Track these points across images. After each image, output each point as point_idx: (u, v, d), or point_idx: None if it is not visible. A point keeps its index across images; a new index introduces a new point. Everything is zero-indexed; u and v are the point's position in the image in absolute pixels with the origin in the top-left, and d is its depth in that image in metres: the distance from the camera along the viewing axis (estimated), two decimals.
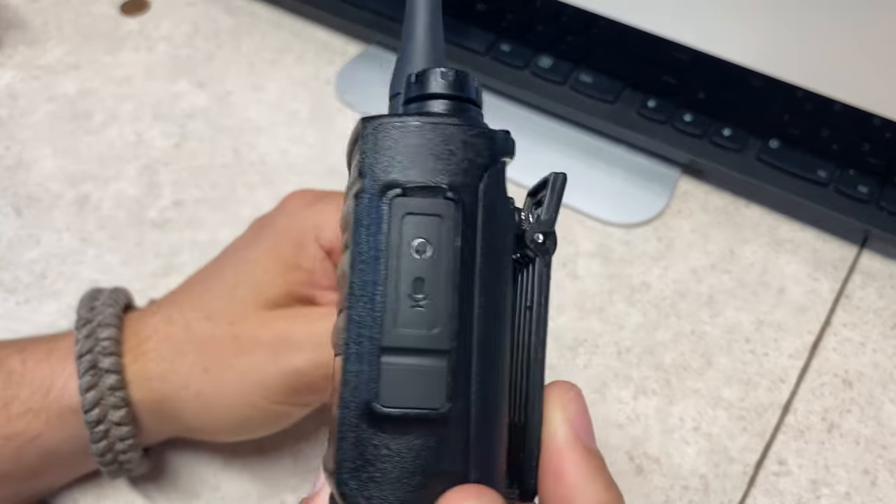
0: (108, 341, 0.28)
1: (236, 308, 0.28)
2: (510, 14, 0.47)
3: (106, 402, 0.28)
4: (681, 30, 0.38)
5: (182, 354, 0.28)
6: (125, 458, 0.29)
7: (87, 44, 0.50)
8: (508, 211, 0.19)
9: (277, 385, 0.27)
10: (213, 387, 0.28)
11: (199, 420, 0.29)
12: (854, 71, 0.35)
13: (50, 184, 0.43)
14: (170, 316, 0.29)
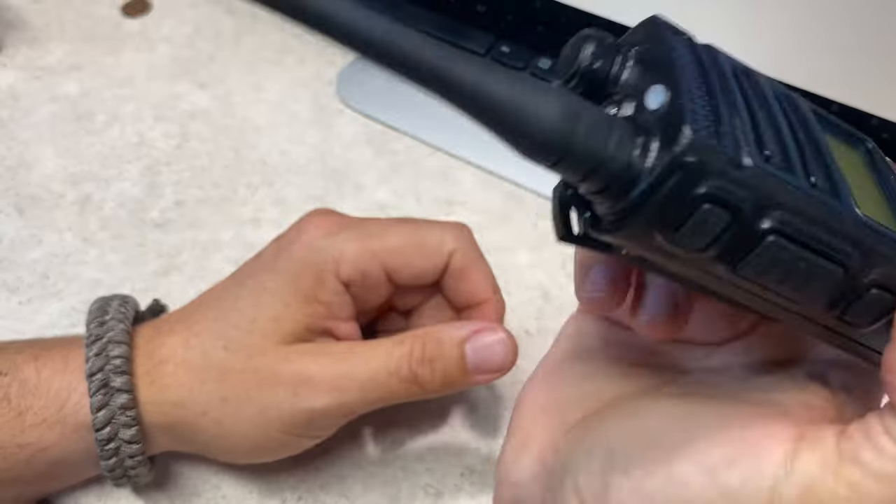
0: (119, 360, 0.28)
1: (256, 341, 0.28)
2: (510, 15, 0.47)
3: (117, 421, 0.28)
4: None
5: (201, 382, 0.28)
6: (134, 472, 0.29)
7: (88, 44, 0.50)
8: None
9: (296, 422, 0.27)
10: (231, 416, 0.28)
11: (215, 444, 0.29)
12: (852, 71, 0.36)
13: (52, 184, 0.43)
14: (187, 340, 0.29)
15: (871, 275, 0.17)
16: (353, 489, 0.33)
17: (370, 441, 0.34)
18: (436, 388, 0.27)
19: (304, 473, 0.33)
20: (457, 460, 0.34)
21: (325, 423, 0.29)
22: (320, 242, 0.29)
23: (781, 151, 0.17)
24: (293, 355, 0.28)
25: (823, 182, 0.17)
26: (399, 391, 0.27)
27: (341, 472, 0.33)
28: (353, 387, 0.27)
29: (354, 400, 0.27)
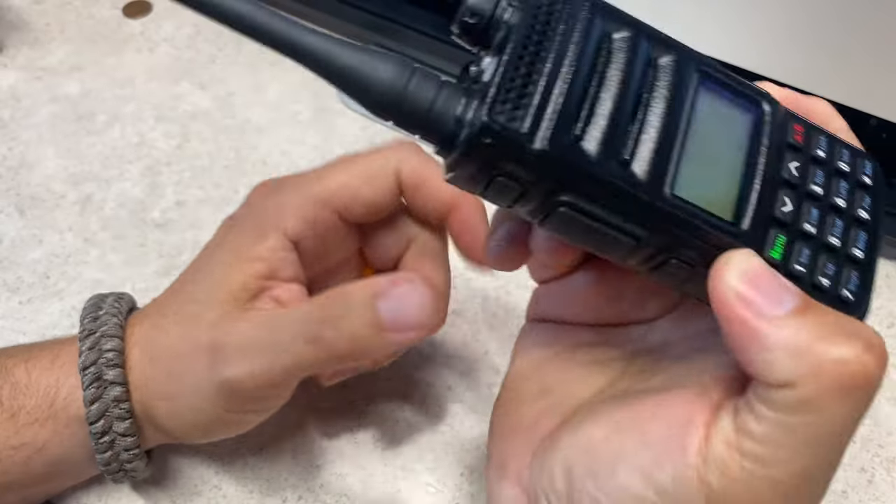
0: (112, 353, 0.28)
1: (194, 310, 0.27)
2: None
3: (111, 414, 0.28)
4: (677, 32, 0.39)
5: (156, 361, 0.28)
6: (130, 466, 0.29)
7: (89, 45, 0.50)
8: None
9: (220, 394, 0.26)
10: (175, 391, 0.28)
11: (172, 423, 0.28)
12: (850, 72, 0.36)
13: (53, 184, 0.43)
14: (155, 323, 0.29)
15: (669, 249, 0.19)
16: (353, 489, 0.33)
17: (370, 441, 0.34)
18: (345, 350, 0.24)
19: (305, 473, 0.33)
20: (457, 460, 0.34)
21: (251, 395, 0.26)
22: (261, 202, 0.28)
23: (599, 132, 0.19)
24: (221, 322, 0.26)
25: (641, 163, 0.19)
26: (307, 356, 0.24)
27: (341, 472, 0.33)
28: (261, 354, 0.25)
29: (265, 368, 0.25)
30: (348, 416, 0.35)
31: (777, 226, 0.20)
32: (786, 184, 0.20)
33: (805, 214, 0.20)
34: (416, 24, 0.47)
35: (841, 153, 0.21)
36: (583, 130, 0.18)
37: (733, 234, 0.19)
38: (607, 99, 0.19)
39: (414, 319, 0.23)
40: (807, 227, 0.20)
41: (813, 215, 0.20)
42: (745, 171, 0.20)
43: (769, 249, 0.20)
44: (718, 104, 0.21)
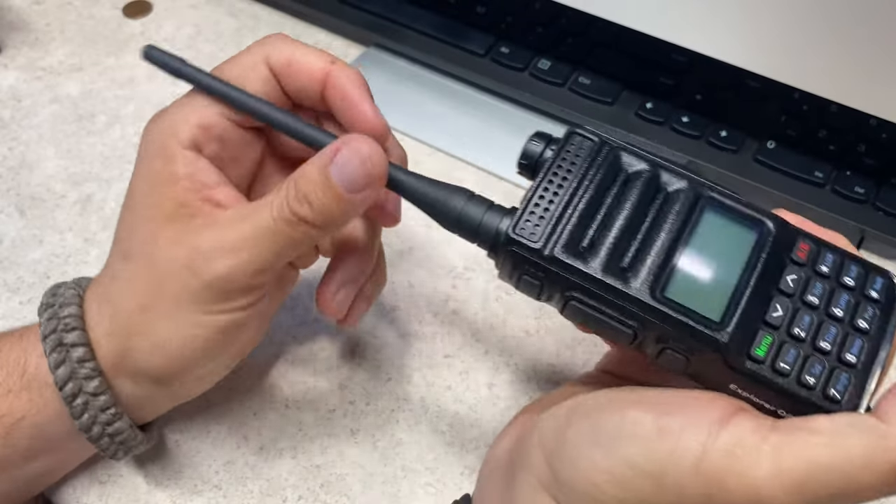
0: (70, 318, 0.28)
1: (144, 237, 0.28)
2: (510, 16, 0.48)
3: (78, 375, 0.28)
4: (678, 32, 0.39)
5: (121, 304, 0.28)
6: (113, 429, 0.29)
7: (89, 45, 0.50)
8: None
9: (208, 296, 0.27)
10: (154, 321, 0.28)
11: (155, 359, 0.28)
12: (850, 72, 0.36)
13: (53, 184, 0.43)
14: (99, 279, 0.30)
15: (663, 340, 0.24)
16: (353, 489, 0.33)
17: (370, 441, 0.34)
18: (321, 220, 0.26)
19: (305, 473, 0.33)
20: (457, 460, 0.34)
21: (236, 291, 0.27)
22: (151, 127, 0.29)
23: (602, 245, 0.24)
24: (182, 236, 0.27)
25: (636, 271, 0.24)
26: (291, 234, 0.26)
27: (341, 472, 0.33)
28: (246, 244, 0.26)
29: (252, 256, 0.26)
30: (348, 416, 0.35)
31: (766, 328, 0.23)
32: (781, 293, 0.24)
33: (797, 320, 0.24)
34: (416, 25, 0.48)
35: (848, 269, 0.24)
36: (589, 244, 0.24)
37: (717, 331, 0.23)
38: (615, 220, 0.25)
39: (364, 175, 0.25)
40: (797, 331, 0.23)
41: (805, 321, 0.24)
42: (739, 280, 0.24)
43: (755, 347, 0.23)
44: (722, 224, 0.25)
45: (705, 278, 0.24)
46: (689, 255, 0.24)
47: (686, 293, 0.24)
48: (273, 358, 0.37)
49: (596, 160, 0.25)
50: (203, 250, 0.26)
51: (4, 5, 0.52)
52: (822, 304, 0.24)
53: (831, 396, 0.23)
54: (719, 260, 0.24)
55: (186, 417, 0.35)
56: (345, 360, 0.37)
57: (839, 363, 0.23)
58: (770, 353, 0.23)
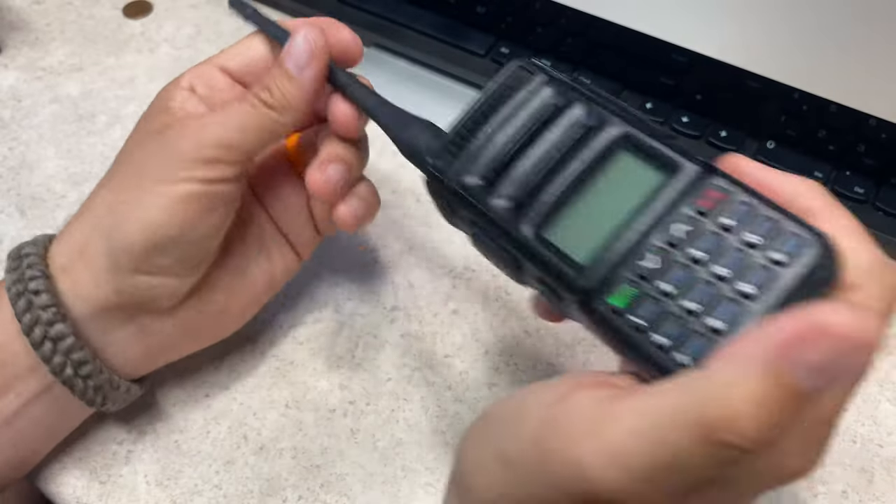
0: (33, 268, 0.29)
1: (126, 149, 0.31)
2: (510, 17, 0.48)
3: (41, 320, 0.28)
4: (678, 32, 0.39)
5: (88, 209, 0.30)
6: (85, 371, 0.29)
7: (89, 45, 0.50)
8: None
9: (173, 163, 0.28)
10: (123, 195, 0.29)
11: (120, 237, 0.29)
12: (850, 72, 0.36)
13: (53, 184, 0.43)
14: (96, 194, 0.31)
15: (540, 281, 0.24)
16: (353, 489, 0.33)
17: (370, 441, 0.34)
18: (277, 101, 0.29)
19: (305, 472, 0.33)
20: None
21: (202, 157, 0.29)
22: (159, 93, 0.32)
23: (507, 182, 0.25)
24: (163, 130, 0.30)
25: (531, 210, 0.24)
26: (254, 115, 0.29)
27: (341, 472, 0.33)
28: (215, 120, 0.29)
29: (219, 128, 0.29)
30: (348, 416, 0.35)
31: (632, 278, 0.22)
32: (662, 244, 0.22)
33: (668, 275, 0.22)
34: (416, 24, 0.48)
35: (759, 225, 0.21)
36: (493, 179, 0.25)
37: (580, 275, 0.23)
38: (528, 157, 0.25)
39: (305, 50, 0.30)
40: (664, 286, 0.22)
41: (676, 277, 0.21)
42: (621, 226, 0.23)
43: (610, 295, 0.22)
44: (631, 166, 0.24)
45: (587, 222, 0.23)
46: (582, 197, 0.24)
47: (564, 235, 0.23)
48: (273, 358, 0.37)
49: (529, 95, 0.25)
50: (176, 128, 0.29)
51: (4, 5, 0.52)
52: (707, 261, 0.21)
53: (679, 361, 0.21)
54: (611, 204, 0.23)
55: (187, 417, 0.35)
56: (345, 360, 0.37)
57: (704, 328, 0.21)
58: (630, 306, 0.22)
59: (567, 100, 0.25)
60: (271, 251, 0.34)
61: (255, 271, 0.33)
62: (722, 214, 0.22)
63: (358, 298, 0.39)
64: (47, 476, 0.34)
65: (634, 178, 0.23)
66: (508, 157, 0.25)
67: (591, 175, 0.24)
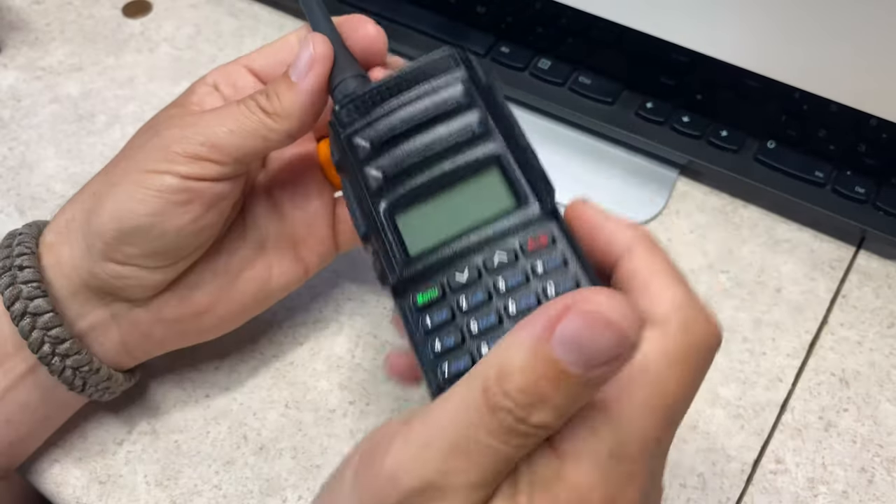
0: (22, 247, 0.30)
1: (130, 143, 0.31)
2: (510, 16, 0.48)
3: (24, 295, 0.29)
4: (679, 32, 0.39)
5: (85, 187, 0.31)
6: (63, 349, 0.29)
7: (89, 45, 0.50)
8: None
9: (161, 154, 0.28)
10: (108, 179, 0.29)
11: (94, 220, 0.29)
12: (851, 72, 0.36)
13: (53, 184, 0.43)
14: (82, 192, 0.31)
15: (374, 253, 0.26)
16: None
17: None
18: (273, 108, 0.29)
19: (305, 472, 0.33)
20: None
21: (190, 152, 0.28)
22: None
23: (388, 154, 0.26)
24: (167, 120, 0.30)
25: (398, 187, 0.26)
26: (249, 117, 0.29)
27: None
28: (208, 117, 0.29)
29: (210, 126, 0.28)
30: (348, 416, 0.35)
31: (442, 284, 0.24)
32: (480, 264, 0.24)
33: (469, 294, 0.24)
34: (416, 25, 0.47)
35: (562, 284, 0.23)
36: (375, 150, 0.26)
37: (400, 263, 0.25)
38: (417, 137, 0.26)
39: (306, 61, 0.29)
40: (462, 302, 0.24)
41: (475, 298, 0.24)
42: (456, 236, 0.24)
43: (417, 293, 0.24)
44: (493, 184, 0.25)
45: (434, 220, 0.25)
46: (441, 196, 0.25)
47: (410, 224, 0.25)
48: (273, 358, 0.37)
49: (442, 84, 0.26)
50: (171, 121, 0.29)
51: (4, 5, 0.52)
52: (505, 295, 0.23)
53: (442, 371, 0.23)
54: (461, 211, 0.25)
55: (187, 417, 0.35)
56: (345, 360, 0.37)
57: (476, 351, 0.23)
58: (428, 307, 0.24)
59: (470, 102, 0.26)
60: (271, 261, 0.33)
61: (246, 278, 0.32)
62: (538, 259, 0.24)
63: (358, 298, 0.39)
64: (47, 476, 0.34)
65: (490, 197, 0.25)
66: (398, 134, 0.26)
67: (456, 179, 0.25)
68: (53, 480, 0.33)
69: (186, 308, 0.31)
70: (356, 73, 0.29)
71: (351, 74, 0.29)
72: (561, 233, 0.24)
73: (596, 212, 0.25)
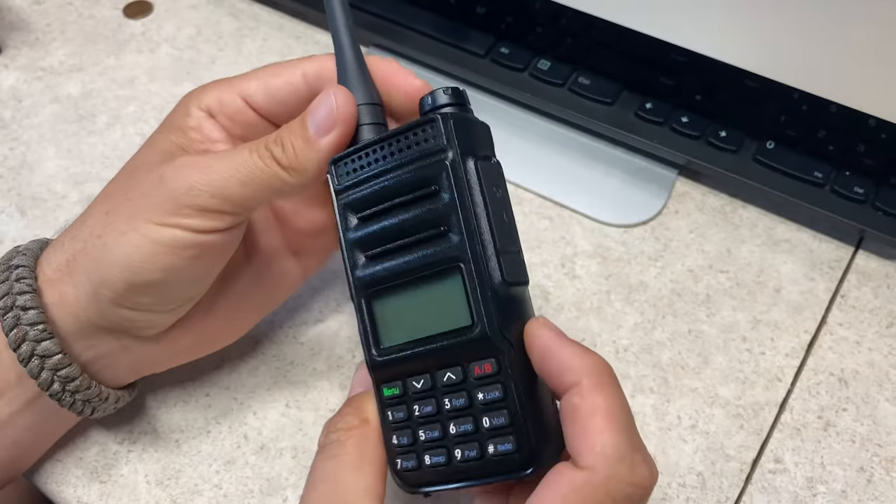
0: (21, 268, 0.29)
1: (134, 166, 0.30)
2: (509, 16, 0.48)
3: (13, 291, 0.28)
4: (678, 32, 0.39)
5: (84, 215, 0.30)
6: (63, 375, 0.29)
7: (90, 46, 0.50)
8: None
9: (167, 206, 0.27)
10: (112, 224, 0.28)
11: (102, 269, 0.28)
12: (850, 72, 0.36)
13: (54, 184, 0.43)
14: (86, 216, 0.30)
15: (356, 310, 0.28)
16: None
17: None
18: (288, 161, 0.27)
19: (305, 472, 0.33)
20: None
21: (197, 204, 0.27)
22: (183, 98, 0.31)
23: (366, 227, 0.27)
24: (162, 163, 0.29)
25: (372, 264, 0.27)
26: (260, 168, 0.28)
27: None
28: (217, 164, 0.27)
29: (219, 176, 0.27)
30: None
31: (403, 385, 0.27)
32: (432, 380, 0.26)
33: (421, 403, 0.26)
34: (416, 25, 0.48)
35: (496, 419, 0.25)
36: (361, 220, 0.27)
37: (374, 353, 0.27)
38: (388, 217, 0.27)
39: (327, 116, 0.28)
40: (414, 408, 0.26)
41: (424, 409, 0.26)
42: (420, 342, 0.26)
43: (384, 385, 0.27)
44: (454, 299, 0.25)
45: (403, 318, 0.26)
46: (412, 290, 0.26)
47: (384, 313, 0.27)
48: (273, 358, 0.37)
49: (425, 159, 0.26)
50: (177, 164, 0.28)
51: (4, 5, 0.52)
52: (446, 415, 0.26)
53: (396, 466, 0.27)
54: (426, 315, 0.26)
55: (187, 417, 0.35)
56: (345, 360, 0.37)
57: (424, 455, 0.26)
58: (391, 402, 0.27)
59: (447, 184, 0.25)
60: (275, 273, 0.33)
61: (255, 298, 0.33)
62: (480, 389, 0.25)
63: None
64: (47, 476, 0.34)
65: (450, 308, 0.25)
66: (378, 212, 0.27)
67: (423, 279, 0.26)
68: (54, 480, 0.33)
69: (198, 337, 0.32)
70: (369, 101, 0.29)
71: (363, 102, 0.28)
72: (507, 367, 0.25)
73: (552, 336, 0.25)
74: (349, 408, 0.28)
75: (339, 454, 0.26)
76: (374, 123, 0.29)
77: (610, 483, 0.23)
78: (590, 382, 0.24)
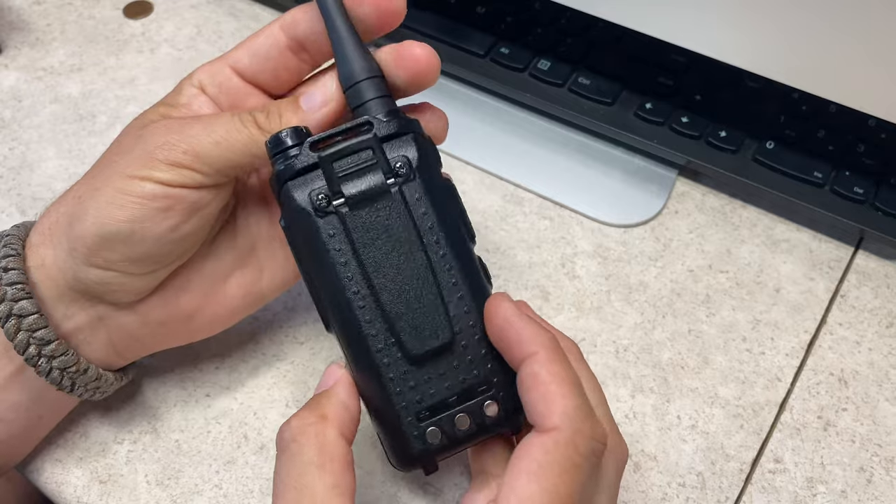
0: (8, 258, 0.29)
1: (118, 138, 0.31)
2: (509, 16, 0.48)
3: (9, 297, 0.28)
4: (678, 32, 0.39)
5: (71, 188, 0.31)
6: (49, 350, 0.29)
7: (90, 46, 0.50)
8: None
9: (143, 159, 0.28)
10: (90, 182, 0.29)
11: (75, 225, 0.29)
12: (850, 72, 0.36)
13: (54, 184, 0.43)
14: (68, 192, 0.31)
15: None
16: None
17: (370, 441, 0.34)
18: (274, 125, 0.28)
19: None
20: (457, 460, 0.34)
21: (172, 159, 0.28)
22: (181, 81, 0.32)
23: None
24: (153, 122, 0.30)
25: None
26: (239, 129, 0.28)
27: None
28: (195, 124, 0.28)
29: (195, 134, 0.28)
30: None
31: None
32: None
33: None
34: (416, 25, 0.48)
35: None
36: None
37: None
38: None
39: (320, 103, 0.29)
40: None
41: None
42: None
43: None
44: None
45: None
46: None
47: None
48: (273, 358, 0.37)
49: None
50: (158, 124, 0.29)
51: (4, 5, 0.52)
52: None
53: None
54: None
55: (187, 417, 0.35)
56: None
57: None
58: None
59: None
60: (262, 263, 0.33)
61: (235, 281, 0.32)
62: None
63: None
64: (48, 475, 0.34)
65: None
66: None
67: None
68: (55, 480, 0.34)
69: (173, 311, 0.31)
70: (371, 75, 0.29)
71: (365, 77, 0.28)
72: None
73: (509, 310, 0.27)
74: (305, 408, 0.27)
75: (297, 454, 0.26)
76: (381, 97, 0.28)
77: (577, 438, 0.24)
78: (547, 353, 0.26)
